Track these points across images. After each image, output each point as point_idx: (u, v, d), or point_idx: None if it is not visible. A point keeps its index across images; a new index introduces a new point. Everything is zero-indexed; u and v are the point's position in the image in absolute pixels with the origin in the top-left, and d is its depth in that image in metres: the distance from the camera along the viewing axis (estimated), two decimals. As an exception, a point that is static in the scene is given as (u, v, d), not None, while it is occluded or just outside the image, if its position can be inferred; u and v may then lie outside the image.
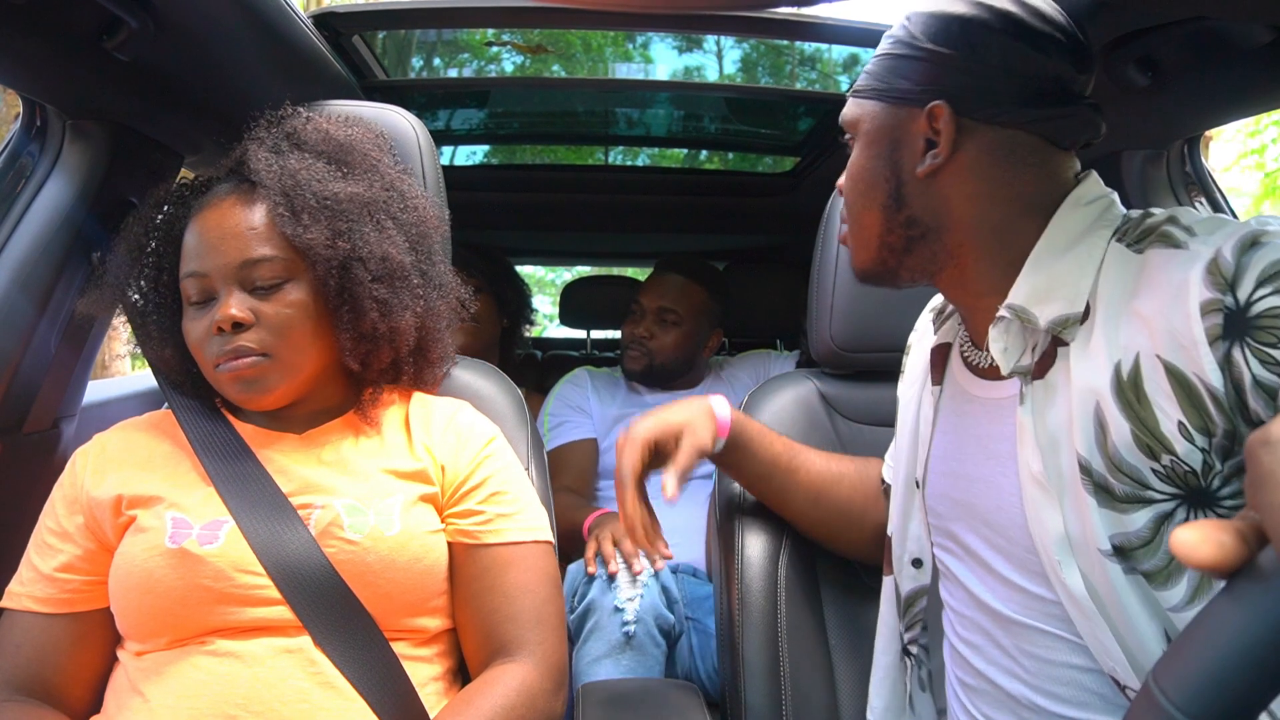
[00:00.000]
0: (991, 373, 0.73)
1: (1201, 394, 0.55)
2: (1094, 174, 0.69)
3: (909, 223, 0.71)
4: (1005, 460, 0.69)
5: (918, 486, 0.82)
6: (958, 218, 0.69)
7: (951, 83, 0.66)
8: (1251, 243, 0.54)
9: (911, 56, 0.68)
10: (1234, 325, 0.53)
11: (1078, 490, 0.62)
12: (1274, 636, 0.32)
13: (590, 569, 1.21)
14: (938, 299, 0.91)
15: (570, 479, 1.58)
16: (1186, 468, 0.57)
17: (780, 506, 0.97)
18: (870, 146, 0.72)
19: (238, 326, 0.76)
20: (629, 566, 1.19)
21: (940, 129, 0.67)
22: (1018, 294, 0.66)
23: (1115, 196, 0.68)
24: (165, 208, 0.85)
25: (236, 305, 0.76)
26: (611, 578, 1.18)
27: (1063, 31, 0.66)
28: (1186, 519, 0.58)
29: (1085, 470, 0.61)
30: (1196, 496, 0.58)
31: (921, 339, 0.89)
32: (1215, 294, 0.54)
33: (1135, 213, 0.66)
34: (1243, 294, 0.53)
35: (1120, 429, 0.59)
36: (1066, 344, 0.64)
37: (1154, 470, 0.58)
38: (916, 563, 0.83)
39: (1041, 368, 0.66)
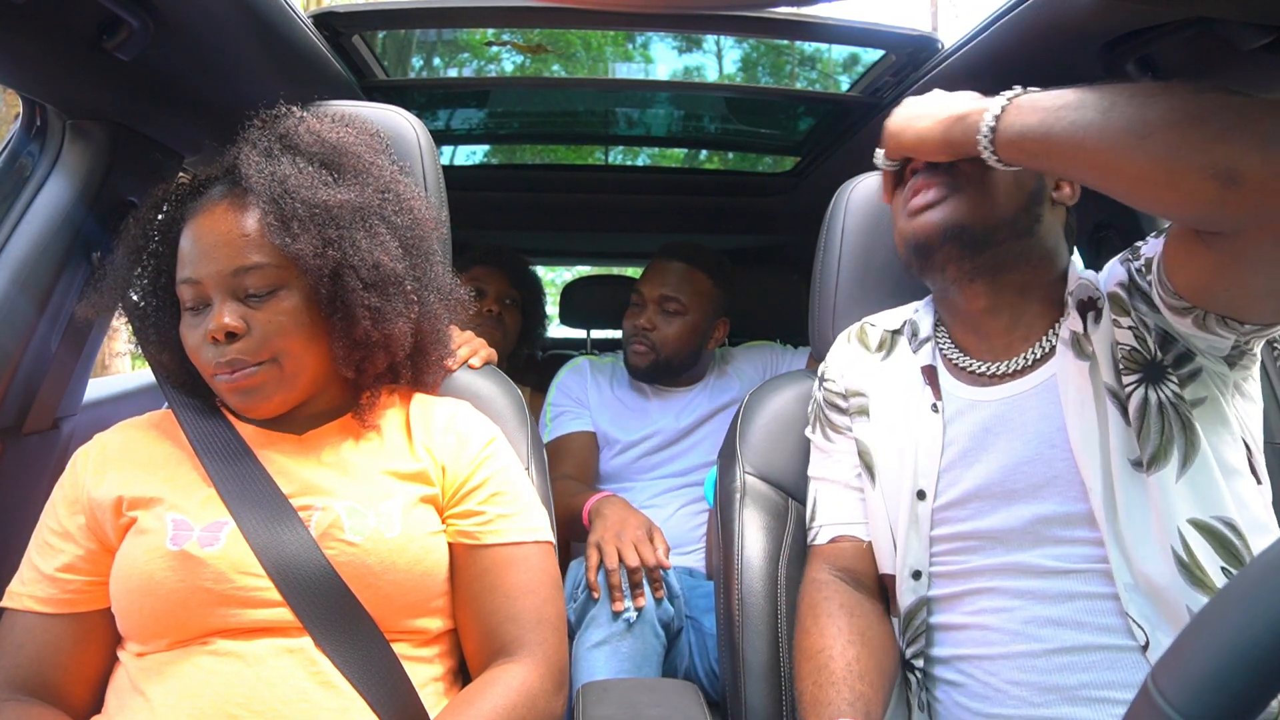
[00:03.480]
0: (1002, 376, 0.82)
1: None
2: None
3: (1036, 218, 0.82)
4: (1054, 434, 0.77)
5: (921, 498, 0.83)
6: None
7: None
8: None
9: None
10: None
11: (1108, 415, 0.74)
12: (1271, 639, 0.32)
13: (594, 592, 1.18)
14: (834, 357, 0.98)
15: (569, 467, 1.55)
16: (1135, 346, 0.74)
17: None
18: None
19: (231, 336, 0.76)
20: (633, 590, 1.17)
21: None
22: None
23: None
24: (164, 208, 0.85)
25: (229, 314, 0.76)
26: (616, 614, 1.15)
27: None
28: (1157, 400, 0.73)
29: (1114, 395, 0.74)
30: (1151, 371, 0.73)
31: (871, 378, 0.92)
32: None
33: None
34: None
35: (1120, 334, 0.75)
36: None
37: (1122, 357, 0.74)
38: (916, 574, 0.84)
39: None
